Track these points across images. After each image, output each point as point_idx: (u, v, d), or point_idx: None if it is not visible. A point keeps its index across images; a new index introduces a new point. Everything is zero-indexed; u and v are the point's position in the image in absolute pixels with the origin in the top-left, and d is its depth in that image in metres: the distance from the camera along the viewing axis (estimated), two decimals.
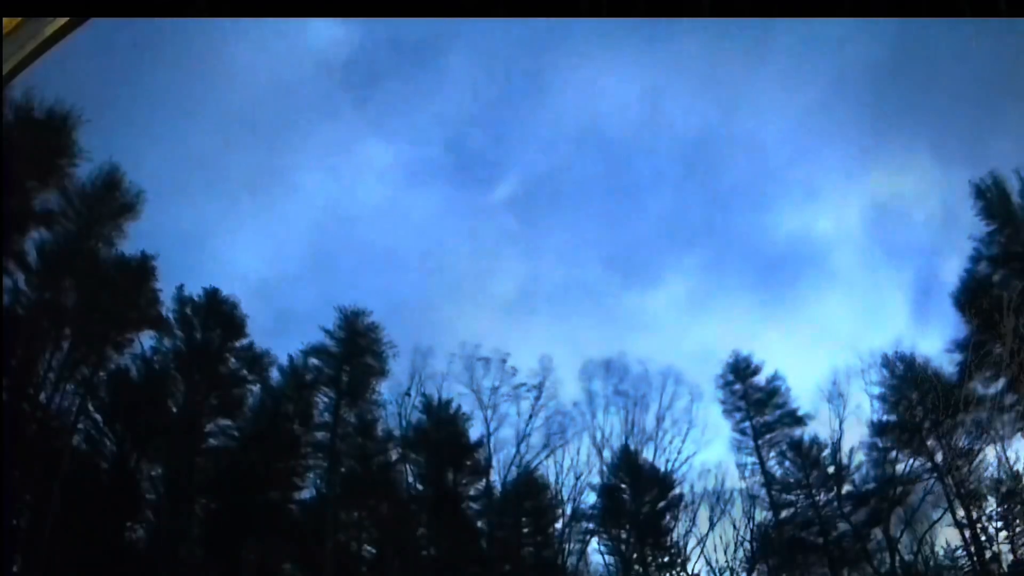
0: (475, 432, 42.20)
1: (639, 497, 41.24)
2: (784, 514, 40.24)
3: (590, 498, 41.79)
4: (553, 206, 60.60)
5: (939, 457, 37.83)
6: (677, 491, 41.29)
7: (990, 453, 37.01)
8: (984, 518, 36.38)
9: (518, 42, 58.65)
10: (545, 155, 60.25)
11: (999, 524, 35.94)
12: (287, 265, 56.90)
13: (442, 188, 63.68)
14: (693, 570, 40.12)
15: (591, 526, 41.64)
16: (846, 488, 39.72)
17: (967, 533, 36.21)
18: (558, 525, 41.73)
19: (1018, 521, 35.52)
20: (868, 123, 54.51)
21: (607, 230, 57.77)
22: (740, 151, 57.36)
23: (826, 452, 40.20)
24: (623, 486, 41.80)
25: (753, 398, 42.51)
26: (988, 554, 35.82)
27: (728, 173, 58.64)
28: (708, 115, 57.94)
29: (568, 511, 41.50)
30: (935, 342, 40.00)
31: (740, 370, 43.19)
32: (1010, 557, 35.49)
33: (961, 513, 36.49)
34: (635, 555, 40.50)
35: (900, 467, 38.65)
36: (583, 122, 59.80)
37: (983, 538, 35.97)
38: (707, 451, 41.61)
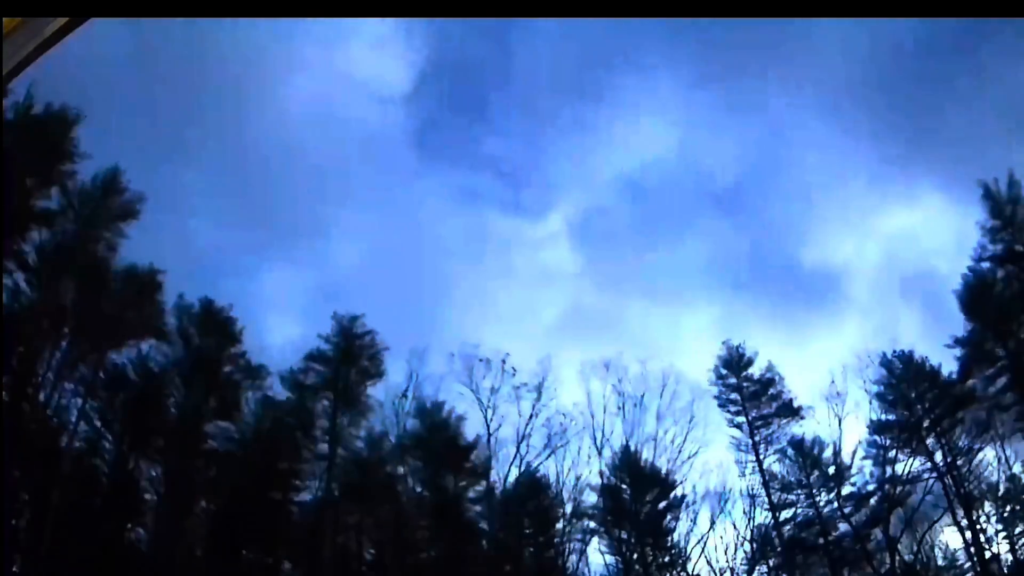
0: (476, 434, 42.45)
1: (640, 496, 41.23)
2: (784, 514, 40.26)
3: (591, 498, 41.99)
4: (598, 238, 64.10)
5: (939, 457, 37.86)
6: (678, 491, 41.42)
7: (990, 453, 37.10)
8: (983, 519, 36.42)
9: (565, 81, 62.71)
10: (592, 192, 64.40)
11: (999, 525, 35.96)
12: (337, 290, 59.57)
13: (494, 218, 67.04)
14: (694, 570, 40.17)
15: (592, 526, 41.76)
16: (846, 488, 39.79)
17: (967, 534, 36.22)
18: (559, 525, 41.81)
19: (1017, 522, 35.51)
20: (887, 156, 58.06)
21: (648, 260, 62.63)
22: (770, 187, 60.94)
23: (827, 453, 40.27)
24: (624, 486, 41.81)
25: (748, 391, 42.51)
26: (987, 555, 35.83)
27: (759, 208, 62.32)
28: (740, 154, 61.65)
29: (569, 511, 41.62)
30: (938, 347, 40.28)
31: (733, 362, 43.23)
32: (1009, 558, 35.50)
33: (961, 514, 36.49)
34: (635, 555, 40.48)
35: (900, 467, 38.73)
36: (626, 161, 64.10)
37: (983, 539, 35.98)
38: (708, 451, 41.77)
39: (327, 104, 66.36)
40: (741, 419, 42.01)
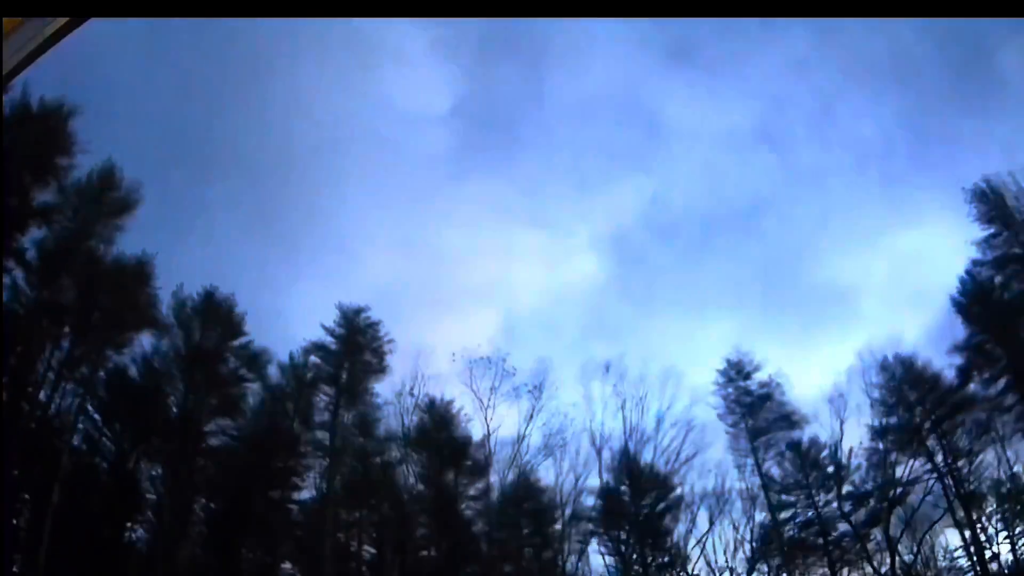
0: (481, 434, 42.43)
1: (639, 498, 41.19)
2: (784, 514, 40.22)
3: (590, 499, 41.98)
4: (622, 253, 67.59)
5: (939, 458, 37.81)
6: (677, 492, 41.40)
7: (990, 454, 37.06)
8: (984, 518, 36.38)
9: (594, 102, 66.26)
10: (618, 208, 67.65)
11: (999, 525, 35.93)
12: (363, 297, 60.40)
13: (520, 233, 69.05)
14: (693, 570, 40.16)
15: (591, 527, 41.73)
16: (846, 488, 39.74)
17: (967, 534, 36.19)
18: (558, 525, 41.78)
19: (1017, 522, 35.48)
20: (899, 174, 59.28)
21: (669, 276, 65.34)
22: (786, 207, 65.11)
23: (825, 453, 40.24)
24: (623, 487, 41.77)
25: (747, 402, 42.46)
26: (988, 555, 35.80)
27: (775, 227, 65.32)
28: (760, 175, 63.14)
29: (568, 512, 41.58)
30: (944, 356, 40.17)
31: (733, 375, 43.18)
32: (1009, 558, 35.48)
33: (961, 514, 36.45)
34: (635, 555, 40.45)
35: (900, 469, 38.69)
36: (652, 182, 67.01)
37: (983, 539, 35.96)
38: (707, 452, 41.75)
39: (361, 118, 68.66)
40: (741, 426, 42.05)
